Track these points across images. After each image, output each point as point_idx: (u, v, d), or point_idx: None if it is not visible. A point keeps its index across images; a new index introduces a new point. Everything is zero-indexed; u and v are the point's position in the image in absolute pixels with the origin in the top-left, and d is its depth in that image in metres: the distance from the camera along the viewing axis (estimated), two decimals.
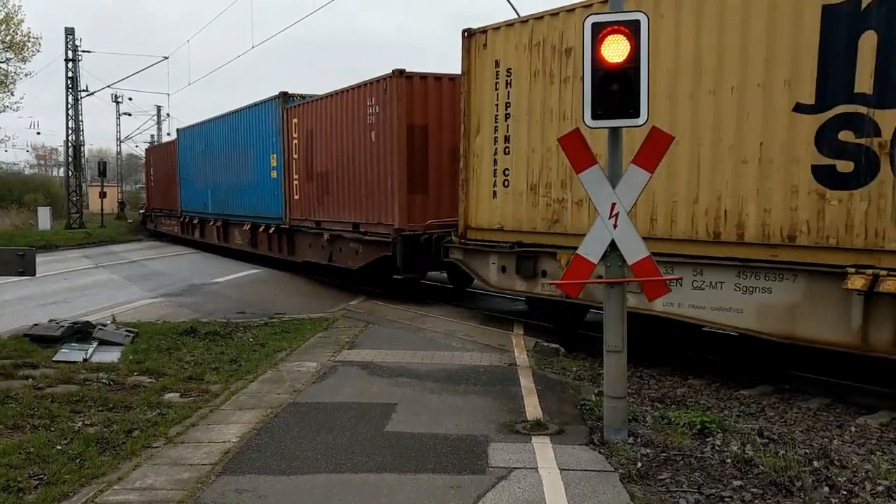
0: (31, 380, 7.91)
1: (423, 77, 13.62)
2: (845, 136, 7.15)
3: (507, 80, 11.00)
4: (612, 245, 5.91)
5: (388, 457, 5.63)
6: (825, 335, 7.32)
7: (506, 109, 11.01)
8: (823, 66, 7.30)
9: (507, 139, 11.03)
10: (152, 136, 65.09)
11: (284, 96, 18.88)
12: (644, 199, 8.41)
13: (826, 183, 7.30)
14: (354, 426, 6.37)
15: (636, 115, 5.64)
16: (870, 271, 6.79)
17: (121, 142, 61.84)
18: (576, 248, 6.76)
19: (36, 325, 10.23)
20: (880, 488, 5.08)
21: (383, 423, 6.44)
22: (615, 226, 5.86)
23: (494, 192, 11.21)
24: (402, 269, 13.43)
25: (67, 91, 41.46)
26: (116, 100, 58.49)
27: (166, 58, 38.09)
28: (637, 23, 5.59)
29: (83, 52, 41.75)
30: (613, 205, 5.85)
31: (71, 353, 9.03)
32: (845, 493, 4.99)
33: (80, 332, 9.83)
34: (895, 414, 7.22)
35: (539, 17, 10.41)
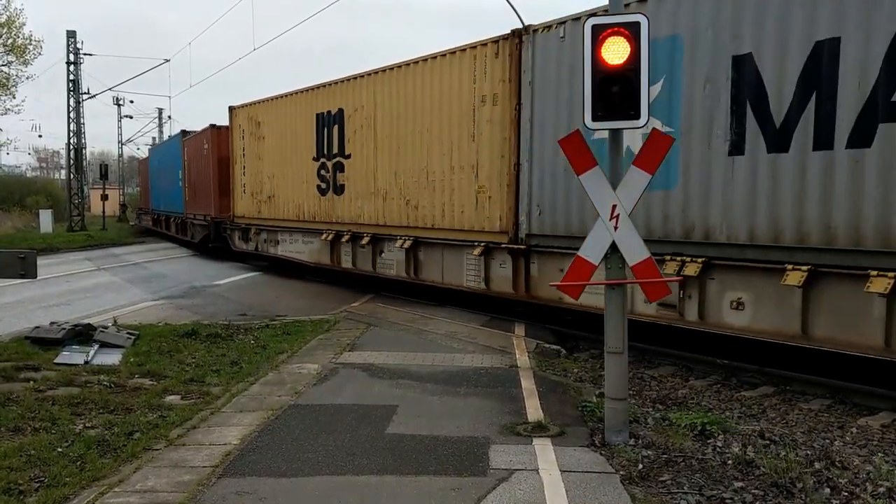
0: (32, 382, 7.91)
1: (228, 128, 21.86)
2: (323, 171, 16.39)
3: (242, 136, 20.54)
4: (613, 246, 5.91)
5: (389, 459, 5.63)
6: (326, 262, 16.90)
7: (243, 152, 20.57)
8: (317, 141, 16.61)
9: (244, 168, 20.58)
10: (154, 138, 65.19)
11: (184, 133, 29.63)
12: (276, 199, 18.69)
13: (320, 193, 16.59)
14: (355, 428, 6.37)
15: (636, 116, 5.64)
16: (332, 232, 16.25)
17: (122, 144, 62.01)
18: (262, 226, 19.48)
19: (37, 327, 10.24)
20: (881, 489, 5.07)
21: (384, 425, 6.44)
22: (616, 227, 5.85)
23: (241, 196, 20.82)
24: (213, 240, 24.32)
25: (69, 94, 41.56)
26: (118, 102, 58.68)
27: (167, 60, 38.47)
28: (637, 25, 5.58)
29: (85, 54, 41.88)
30: (614, 206, 5.85)
31: (72, 356, 9.03)
32: (846, 494, 4.98)
33: (82, 335, 9.83)
34: None
35: (250, 104, 19.93)
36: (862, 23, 7.13)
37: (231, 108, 21.01)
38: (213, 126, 23.50)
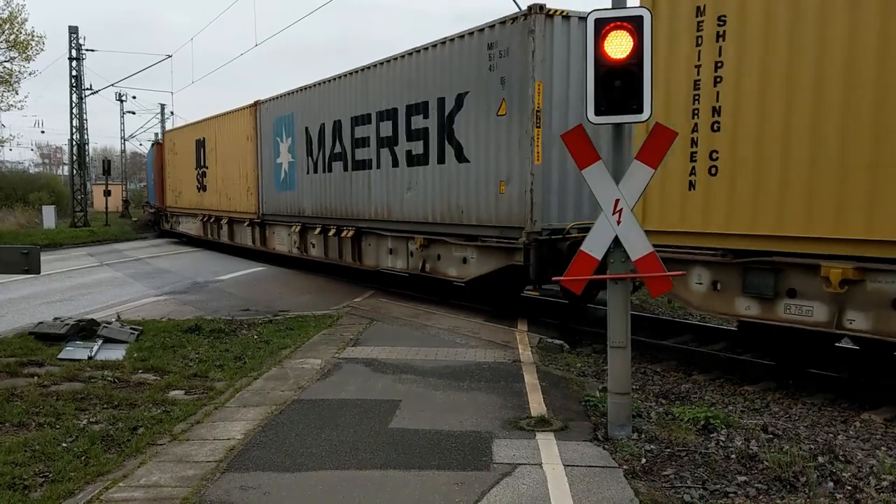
0: (36, 378, 7.93)
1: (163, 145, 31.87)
2: (199, 176, 26.26)
3: (169, 152, 30.34)
4: (616, 241, 5.90)
5: (393, 453, 5.64)
6: (203, 235, 27.12)
7: (168, 162, 30.47)
8: (196, 157, 26.26)
9: (169, 173, 30.53)
10: (156, 133, 65.09)
11: (152, 144, 38.41)
12: (181, 194, 29.05)
13: (197, 190, 26.64)
14: (358, 423, 6.38)
15: (639, 110, 5.62)
16: (203, 215, 27.16)
17: (125, 140, 61.96)
18: (174, 212, 31.10)
19: (41, 323, 10.26)
20: (885, 483, 5.07)
21: (387, 420, 6.45)
22: (619, 222, 5.84)
23: (168, 192, 30.45)
24: (157, 223, 35.24)
25: (71, 90, 41.51)
26: (120, 98, 58.51)
27: (169, 56, 38.25)
28: (640, 19, 5.56)
29: (87, 50, 41.79)
30: (617, 201, 5.84)
31: (76, 351, 9.05)
32: (850, 488, 4.98)
33: (85, 330, 9.85)
34: None
35: (172, 131, 31.90)
36: (329, 115, 16.59)
37: (164, 132, 35.09)
38: (158, 143, 35.24)
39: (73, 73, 41.20)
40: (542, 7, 10.43)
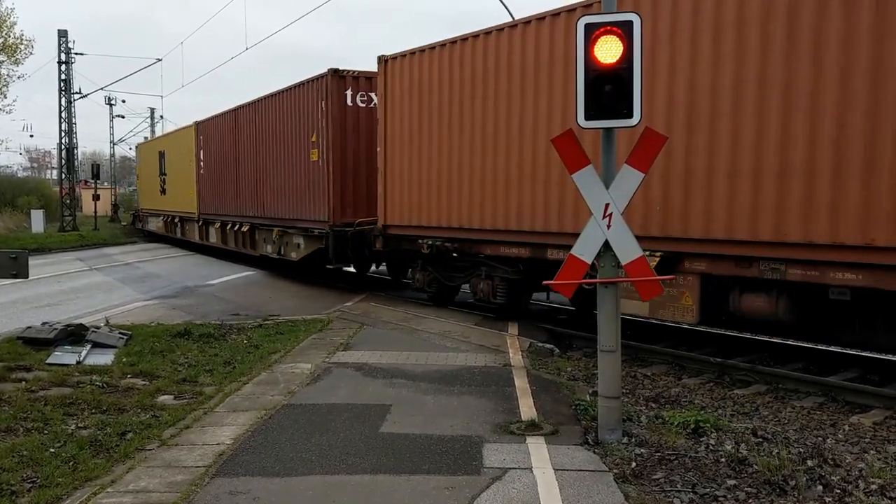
0: (24, 383, 7.88)
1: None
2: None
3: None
4: (606, 245, 5.92)
5: (383, 458, 5.63)
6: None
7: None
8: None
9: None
10: (146, 137, 64.80)
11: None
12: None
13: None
14: (349, 427, 6.36)
15: (629, 115, 5.64)
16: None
17: (114, 144, 61.75)
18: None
19: (29, 327, 10.18)
20: (874, 487, 5.10)
21: (378, 425, 6.44)
22: (609, 226, 5.85)
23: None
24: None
25: (60, 94, 41.34)
26: (110, 102, 58.36)
27: (159, 59, 38.28)
28: (630, 23, 5.58)
29: (76, 54, 41.67)
30: (607, 205, 5.85)
31: (64, 356, 8.99)
32: (839, 491, 5.00)
33: (74, 335, 9.79)
34: (888, 413, 7.25)
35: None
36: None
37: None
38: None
39: (63, 76, 41.04)
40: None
